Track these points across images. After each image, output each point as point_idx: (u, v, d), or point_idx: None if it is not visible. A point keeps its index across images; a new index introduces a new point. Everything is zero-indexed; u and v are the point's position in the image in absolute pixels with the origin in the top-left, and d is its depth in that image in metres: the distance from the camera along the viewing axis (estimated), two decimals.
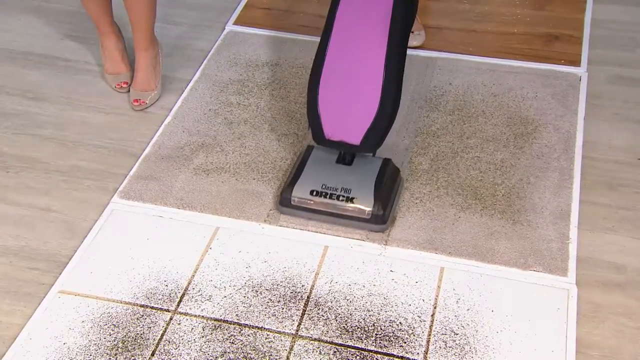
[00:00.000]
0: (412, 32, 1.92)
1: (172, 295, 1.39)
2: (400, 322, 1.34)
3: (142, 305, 1.37)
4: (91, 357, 1.28)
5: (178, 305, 1.37)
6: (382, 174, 1.52)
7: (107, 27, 1.87)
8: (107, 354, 1.29)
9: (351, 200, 1.48)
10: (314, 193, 1.50)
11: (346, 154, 1.56)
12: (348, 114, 1.50)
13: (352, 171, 1.54)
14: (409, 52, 1.95)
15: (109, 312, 1.36)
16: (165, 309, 1.36)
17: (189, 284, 1.41)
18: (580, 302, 1.37)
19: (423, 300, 1.38)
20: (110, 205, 1.57)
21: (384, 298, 1.38)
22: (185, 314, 1.35)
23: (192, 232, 1.51)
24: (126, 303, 1.38)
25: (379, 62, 1.47)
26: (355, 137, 1.50)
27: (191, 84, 1.87)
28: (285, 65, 1.93)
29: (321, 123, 1.52)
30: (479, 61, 1.92)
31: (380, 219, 1.47)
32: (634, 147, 1.68)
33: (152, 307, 1.37)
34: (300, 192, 1.51)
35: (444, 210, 1.54)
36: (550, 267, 1.42)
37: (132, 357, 1.28)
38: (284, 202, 1.53)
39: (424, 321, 1.34)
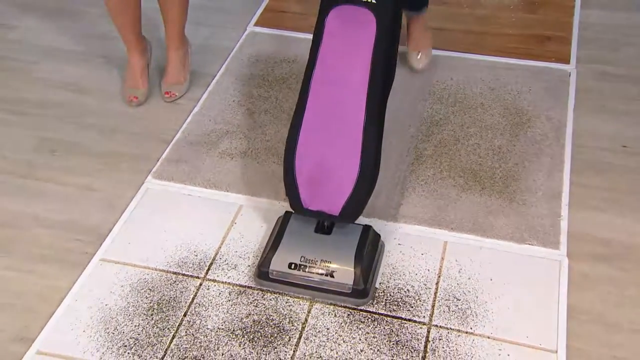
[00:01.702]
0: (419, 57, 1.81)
1: (201, 264, 1.41)
2: (407, 289, 1.36)
3: (174, 273, 1.39)
4: (130, 316, 1.30)
5: (207, 272, 1.39)
6: (362, 242, 1.34)
7: (132, 43, 1.79)
8: (144, 314, 1.31)
9: (331, 274, 1.30)
10: (293, 266, 1.32)
11: (325, 223, 1.37)
12: (326, 183, 1.32)
13: (332, 241, 1.35)
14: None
15: (145, 278, 1.38)
16: (195, 276, 1.38)
17: (217, 254, 1.42)
18: (571, 272, 1.37)
19: (428, 270, 1.39)
20: (144, 185, 1.58)
21: (393, 268, 1.40)
22: (214, 280, 1.37)
23: (219, 209, 1.52)
24: (160, 270, 1.39)
25: (357, 129, 1.29)
26: (334, 207, 1.32)
27: (216, 78, 1.88)
28: (301, 61, 1.93)
29: (298, 192, 1.33)
30: (477, 59, 1.92)
31: (362, 293, 1.30)
32: (618, 135, 1.68)
33: (183, 274, 1.38)
34: (278, 265, 1.33)
35: (447, 191, 1.55)
36: (544, 241, 1.43)
37: (166, 318, 1.30)
38: (262, 275, 1.34)
39: (429, 288, 1.35)
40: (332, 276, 1.31)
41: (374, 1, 1.29)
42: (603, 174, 1.58)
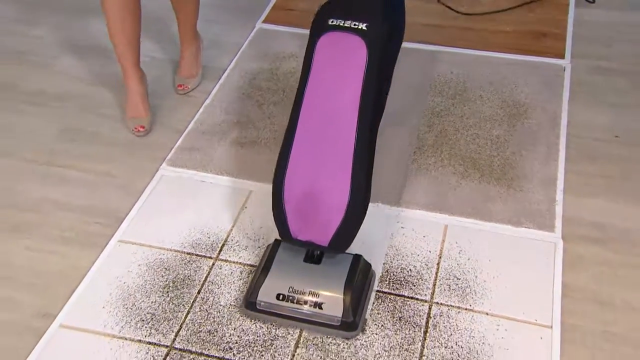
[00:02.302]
0: None
1: (213, 245, 1.43)
2: (410, 269, 1.38)
3: (188, 253, 1.42)
4: (147, 293, 1.33)
5: (219, 253, 1.41)
6: (352, 273, 1.27)
7: (131, 71, 1.73)
8: (160, 291, 1.34)
9: (320, 306, 1.24)
10: (281, 297, 1.25)
11: (314, 252, 1.30)
12: (315, 212, 1.24)
13: (321, 271, 1.28)
14: (417, 45, 2.00)
15: (160, 258, 1.41)
16: (208, 256, 1.41)
17: (228, 236, 1.45)
18: (566, 253, 1.39)
19: (430, 251, 1.41)
20: (160, 171, 1.61)
21: (396, 250, 1.42)
22: (225, 260, 1.40)
23: (230, 194, 1.55)
24: (175, 251, 1.42)
25: (347, 159, 1.22)
26: (323, 237, 1.24)
27: (227, 72, 1.91)
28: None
29: (287, 221, 1.25)
30: (477, 54, 1.94)
31: (351, 326, 1.24)
32: (611, 126, 1.70)
33: (197, 255, 1.41)
34: (266, 296, 1.26)
35: (447, 178, 1.57)
36: (540, 224, 1.45)
37: (181, 294, 1.33)
38: (250, 306, 1.27)
39: (431, 268, 1.38)
40: (320, 308, 1.24)
41: (365, 28, 1.23)
42: (596, 162, 1.61)
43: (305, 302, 1.25)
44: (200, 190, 1.56)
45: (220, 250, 1.42)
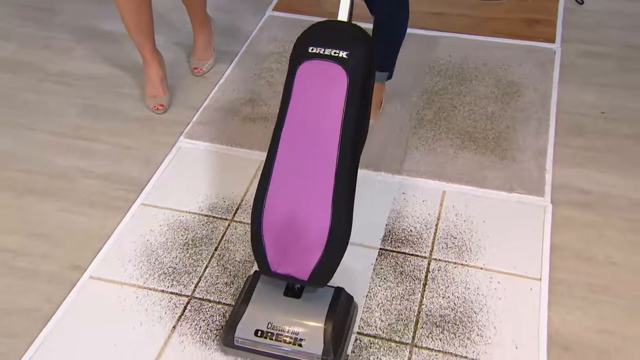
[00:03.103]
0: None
1: (229, 208, 1.52)
2: (410, 230, 1.47)
3: (206, 215, 1.51)
4: (168, 250, 1.42)
5: (234, 215, 1.50)
6: (333, 307, 1.22)
7: (149, 54, 1.81)
8: (181, 248, 1.43)
9: (299, 343, 1.18)
10: (259, 334, 1.19)
11: (294, 286, 1.25)
12: (295, 246, 1.18)
13: (301, 306, 1.22)
14: (418, 31, 2.08)
15: (180, 220, 1.50)
16: (224, 218, 1.50)
17: (242, 200, 1.53)
18: (554, 216, 1.48)
19: (429, 214, 1.50)
20: (177, 144, 1.70)
21: (397, 213, 1.50)
22: (240, 222, 1.48)
23: (243, 164, 1.64)
24: (193, 213, 1.51)
25: (327, 190, 1.16)
26: (303, 271, 1.18)
27: (239, 56, 2.00)
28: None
29: (266, 254, 1.18)
30: (473, 39, 2.03)
31: None
32: (598, 104, 1.79)
33: (214, 217, 1.50)
34: (244, 333, 1.20)
35: (445, 150, 1.66)
36: (531, 190, 1.54)
37: (200, 251, 1.42)
38: (227, 342, 1.21)
39: (430, 229, 1.46)
40: (300, 345, 1.18)
41: (345, 56, 1.17)
42: (584, 135, 1.70)
43: (284, 339, 1.19)
44: (215, 160, 1.65)
45: (235, 212, 1.51)
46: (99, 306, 1.31)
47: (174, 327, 1.27)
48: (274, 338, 1.19)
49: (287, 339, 1.19)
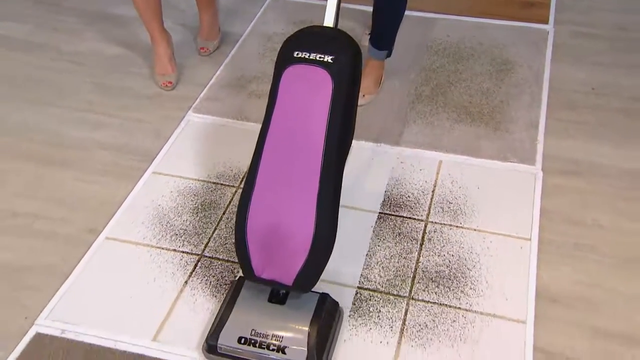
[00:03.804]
0: (363, 96, 1.74)
1: (235, 176, 1.61)
2: (408, 196, 1.55)
3: (214, 183, 1.59)
4: (179, 214, 1.51)
5: (240, 183, 1.59)
6: (318, 314, 1.22)
7: (158, 34, 1.89)
8: (191, 212, 1.52)
9: (283, 350, 1.17)
10: (243, 341, 1.18)
11: (279, 292, 1.25)
12: (279, 251, 1.18)
13: (286, 312, 1.22)
14: (416, 13, 2.17)
15: (189, 186, 1.58)
16: (231, 185, 1.58)
17: (248, 169, 1.63)
18: (545, 183, 1.57)
19: (426, 181, 1.58)
20: (186, 117, 1.78)
21: (396, 180, 1.59)
22: None
23: (249, 136, 1.68)
24: (202, 181, 1.60)
25: (312, 195, 1.16)
26: (287, 276, 1.18)
27: (244, 36, 2.09)
28: (317, 23, 2.08)
29: (250, 260, 1.18)
30: (469, 20, 2.12)
31: None
32: (588, 81, 1.87)
33: (221, 184, 1.59)
34: (227, 340, 1.19)
35: (442, 122, 1.74)
36: (523, 159, 1.63)
37: (209, 215, 1.51)
38: (210, 349, 1.21)
39: (427, 195, 1.55)
40: (283, 352, 1.17)
41: (330, 60, 1.17)
42: (574, 110, 1.78)
43: (268, 346, 1.18)
44: (222, 132, 1.74)
45: (242, 180, 1.59)
46: (115, 263, 1.40)
47: (186, 282, 1.36)
48: (257, 345, 1.18)
49: (271, 346, 1.18)
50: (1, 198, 1.58)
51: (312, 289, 1.22)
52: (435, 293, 1.33)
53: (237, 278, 1.31)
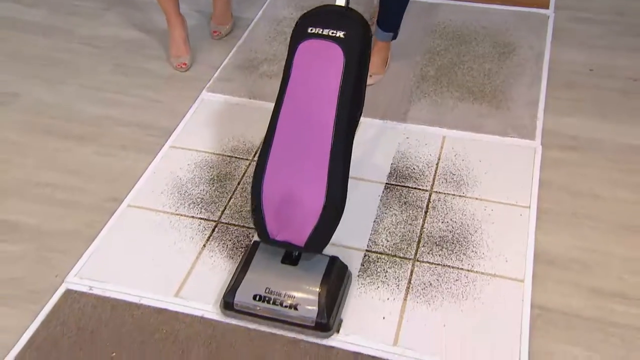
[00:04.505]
0: (370, 76, 1.83)
1: (249, 150, 1.70)
2: (413, 168, 1.64)
3: (228, 156, 1.68)
4: (196, 184, 1.60)
5: (254, 156, 1.68)
6: (328, 274, 1.30)
7: (174, 17, 1.99)
8: (207, 182, 1.61)
9: (295, 307, 1.26)
10: (257, 298, 1.27)
11: (292, 253, 1.33)
12: (292, 214, 1.26)
13: (298, 273, 1.30)
14: None
15: (205, 159, 1.67)
16: (245, 158, 1.67)
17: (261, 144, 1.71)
18: (544, 157, 1.65)
19: (430, 155, 1.67)
20: (201, 96, 1.88)
21: (402, 154, 1.67)
22: None
23: (261, 113, 1.80)
24: (217, 154, 1.69)
25: (323, 162, 1.24)
26: (299, 237, 1.26)
27: (255, 20, 2.19)
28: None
29: (265, 222, 1.27)
30: (472, 5, 2.21)
31: (324, 327, 1.26)
32: (587, 62, 1.96)
33: (236, 157, 1.68)
34: (243, 297, 1.28)
35: (445, 101, 1.83)
36: (523, 134, 1.71)
37: (224, 185, 1.59)
38: (227, 306, 1.30)
39: (431, 167, 1.63)
40: (295, 309, 1.26)
41: (342, 36, 1.25)
42: (573, 89, 1.87)
43: (281, 303, 1.26)
44: (235, 110, 1.82)
45: (255, 153, 1.68)
46: (137, 228, 1.49)
47: (204, 245, 1.45)
48: (271, 302, 1.27)
49: (284, 303, 1.27)
50: (25, 169, 1.67)
51: (323, 252, 1.30)
52: (439, 255, 1.42)
53: (252, 242, 1.40)
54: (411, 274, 1.38)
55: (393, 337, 1.26)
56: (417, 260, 1.41)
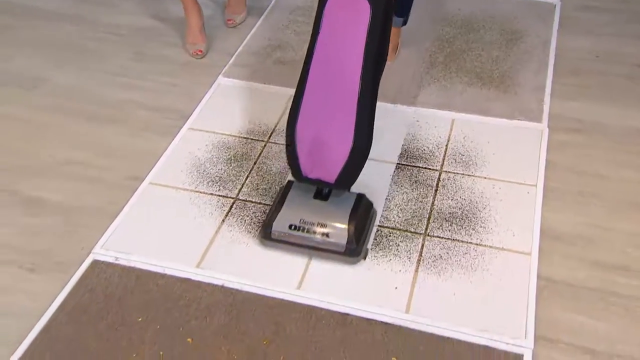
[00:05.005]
0: None
1: (264, 132, 1.76)
2: (424, 150, 1.70)
3: (245, 137, 1.75)
4: (214, 163, 1.66)
5: (269, 138, 1.74)
6: (355, 208, 1.43)
7: (190, 5, 2.06)
8: (225, 162, 1.67)
9: (327, 235, 1.40)
10: (293, 227, 1.40)
11: (322, 190, 1.46)
12: (323, 154, 1.40)
13: (328, 206, 1.43)
14: None
15: (223, 140, 1.74)
16: (261, 140, 1.74)
17: (275, 126, 1.77)
18: (550, 139, 1.71)
19: (440, 137, 1.73)
20: (217, 81, 1.94)
21: (412, 136, 1.73)
22: (275, 142, 1.72)
23: (275, 98, 1.87)
24: (234, 136, 1.75)
25: (352, 106, 1.36)
26: (330, 175, 1.39)
27: (268, 9, 2.25)
28: None
29: (299, 162, 1.41)
30: None
31: (354, 252, 1.40)
32: (592, 49, 2.01)
33: (252, 139, 1.74)
34: (280, 227, 1.42)
35: (454, 86, 1.89)
36: (530, 117, 1.77)
37: (241, 164, 1.66)
38: (265, 235, 1.44)
39: (440, 148, 1.69)
40: (328, 237, 1.39)
41: None
42: (578, 75, 1.92)
43: (315, 232, 1.40)
44: (251, 95, 1.89)
45: (270, 135, 1.75)
46: (159, 204, 1.56)
47: (223, 220, 1.52)
48: (305, 231, 1.41)
49: (317, 232, 1.41)
50: (51, 149, 1.74)
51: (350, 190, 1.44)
52: (449, 230, 1.48)
53: (286, 182, 1.53)
54: (422, 248, 1.44)
55: (405, 305, 1.33)
56: (428, 235, 1.47)
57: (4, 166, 1.71)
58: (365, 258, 1.43)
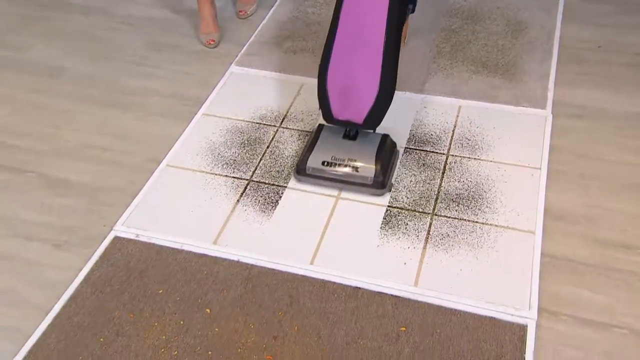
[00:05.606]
0: None
1: (276, 118, 1.82)
2: (431, 134, 1.75)
3: (258, 123, 1.81)
4: (228, 147, 1.73)
5: (281, 123, 1.80)
6: (381, 147, 1.60)
7: None
8: (239, 146, 1.74)
9: (356, 169, 1.56)
10: (325, 163, 1.57)
11: (351, 131, 1.63)
12: (352, 97, 1.56)
13: (357, 145, 1.60)
14: None
15: (236, 126, 1.80)
16: (273, 125, 1.80)
17: (287, 112, 1.84)
18: (554, 124, 1.77)
19: (447, 122, 1.79)
20: (230, 70, 2.01)
21: (420, 121, 1.79)
22: (286, 128, 1.79)
23: (287, 86, 1.94)
24: (247, 121, 1.82)
25: (378, 53, 1.49)
26: (358, 116, 1.56)
27: (279, 1, 2.31)
28: None
29: (330, 104, 1.57)
30: None
31: (381, 184, 1.57)
32: (595, 39, 2.07)
33: (264, 124, 1.80)
34: (313, 163, 1.58)
35: (461, 74, 1.94)
36: (535, 104, 1.82)
37: (254, 148, 1.72)
38: (300, 171, 1.61)
39: (447, 133, 1.75)
40: (357, 171, 1.57)
41: None
42: (581, 64, 1.98)
43: (345, 167, 1.58)
44: (263, 82, 1.95)
45: (282, 121, 1.81)
46: (176, 185, 1.63)
47: (238, 200, 1.59)
48: (337, 166, 1.58)
49: (347, 167, 1.58)
50: (76, 134, 1.82)
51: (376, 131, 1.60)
52: (456, 210, 1.54)
53: (317, 126, 1.68)
54: (430, 226, 1.50)
55: (414, 279, 1.39)
56: (435, 215, 1.53)
57: (32, 150, 1.79)
58: (390, 190, 1.58)
